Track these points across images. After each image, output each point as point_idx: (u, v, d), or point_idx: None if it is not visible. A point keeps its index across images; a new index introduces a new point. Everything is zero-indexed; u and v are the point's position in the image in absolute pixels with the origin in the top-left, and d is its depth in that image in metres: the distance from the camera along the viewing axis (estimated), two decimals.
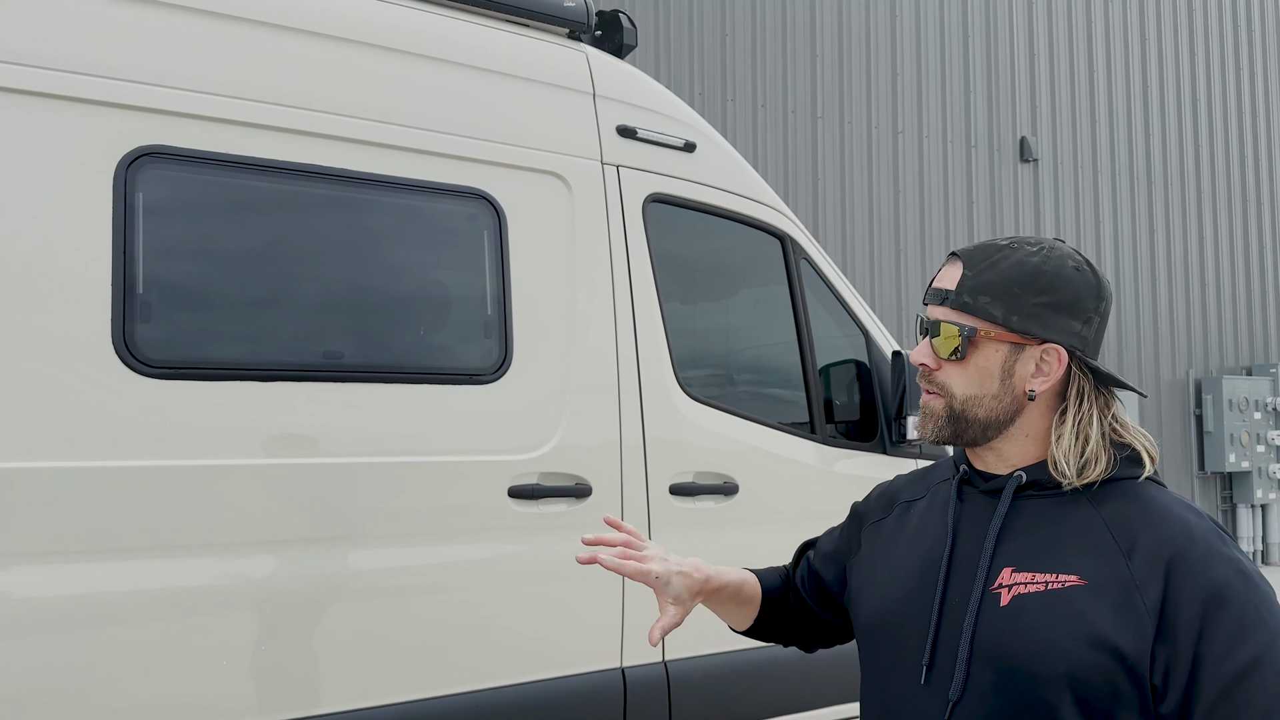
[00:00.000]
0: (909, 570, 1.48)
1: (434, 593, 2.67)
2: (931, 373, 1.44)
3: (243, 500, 2.42)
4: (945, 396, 1.43)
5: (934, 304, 1.45)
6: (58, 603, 2.21)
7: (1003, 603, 1.35)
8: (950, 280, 1.44)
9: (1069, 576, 1.33)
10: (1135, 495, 1.39)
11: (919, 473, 1.65)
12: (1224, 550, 1.32)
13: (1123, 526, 1.35)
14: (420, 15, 2.89)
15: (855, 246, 9.48)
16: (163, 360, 2.36)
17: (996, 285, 1.40)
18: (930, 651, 1.39)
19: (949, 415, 1.43)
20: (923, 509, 1.55)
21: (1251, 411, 11.84)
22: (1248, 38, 13.01)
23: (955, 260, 1.46)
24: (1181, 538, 1.32)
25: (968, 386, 1.42)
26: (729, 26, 8.87)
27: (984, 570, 1.38)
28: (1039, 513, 1.40)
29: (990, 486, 1.44)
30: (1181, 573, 1.29)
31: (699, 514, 3.16)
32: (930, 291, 1.46)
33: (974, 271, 1.42)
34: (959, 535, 1.44)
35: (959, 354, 1.41)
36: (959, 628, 1.37)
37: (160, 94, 2.42)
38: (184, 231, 2.46)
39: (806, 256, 3.62)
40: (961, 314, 1.41)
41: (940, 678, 1.37)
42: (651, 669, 3.00)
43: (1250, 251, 12.81)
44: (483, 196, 2.86)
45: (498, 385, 2.80)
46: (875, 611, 1.50)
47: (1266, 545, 12.14)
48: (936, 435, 1.45)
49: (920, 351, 1.46)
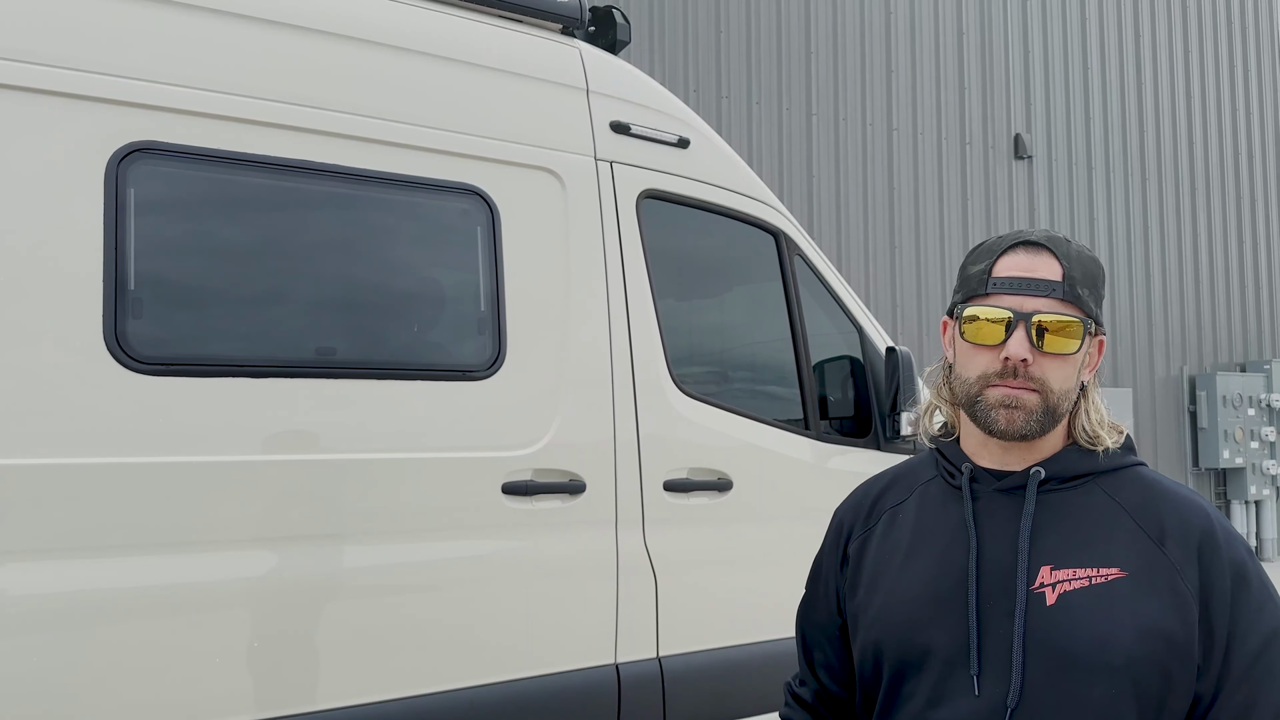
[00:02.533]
0: (924, 577, 1.41)
1: (428, 589, 2.67)
2: (1026, 367, 1.36)
3: (236, 497, 2.41)
4: (1040, 391, 1.36)
5: (1033, 294, 1.36)
6: (51, 600, 2.20)
7: (1049, 602, 1.33)
8: (1051, 271, 1.38)
9: (1110, 570, 1.33)
10: (1142, 481, 1.41)
11: (894, 473, 1.58)
12: (1233, 530, 1.38)
13: (1145, 513, 1.37)
14: (413, 11, 2.88)
15: (850, 243, 9.48)
16: (155, 356, 2.35)
17: (1088, 279, 1.40)
18: (977, 659, 1.34)
19: (1044, 409, 1.37)
20: (913, 512, 1.48)
21: (1245, 408, 11.87)
22: (1241, 35, 13.02)
23: (1040, 250, 1.39)
24: (1202, 519, 1.36)
25: (1064, 380, 1.38)
26: (724, 23, 8.86)
27: (1024, 570, 1.34)
28: (1060, 507, 1.39)
29: (1006, 484, 1.41)
30: (1210, 553, 1.33)
31: (693, 510, 3.15)
32: (1020, 280, 1.37)
33: (1069, 263, 1.38)
34: (982, 536, 1.39)
35: (1078, 348, 1.37)
36: (1004, 632, 1.33)
37: (152, 90, 2.41)
38: (176, 227, 2.45)
39: (801, 253, 3.62)
40: (1074, 307, 1.37)
41: (990, 685, 1.33)
42: (646, 665, 3.00)
43: (1244, 248, 12.83)
44: (476, 192, 2.85)
45: (491, 381, 2.79)
46: (894, 627, 1.42)
47: (1260, 541, 12.17)
48: (1026, 428, 1.37)
49: (1019, 344, 1.35)
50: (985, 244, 1.45)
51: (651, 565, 3.03)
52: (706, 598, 3.14)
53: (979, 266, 1.41)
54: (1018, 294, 1.37)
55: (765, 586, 3.16)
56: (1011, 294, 1.37)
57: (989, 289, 1.38)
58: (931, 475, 1.50)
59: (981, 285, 1.39)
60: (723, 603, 3.18)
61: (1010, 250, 1.40)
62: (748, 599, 3.21)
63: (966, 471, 1.43)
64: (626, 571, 2.98)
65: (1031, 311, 1.36)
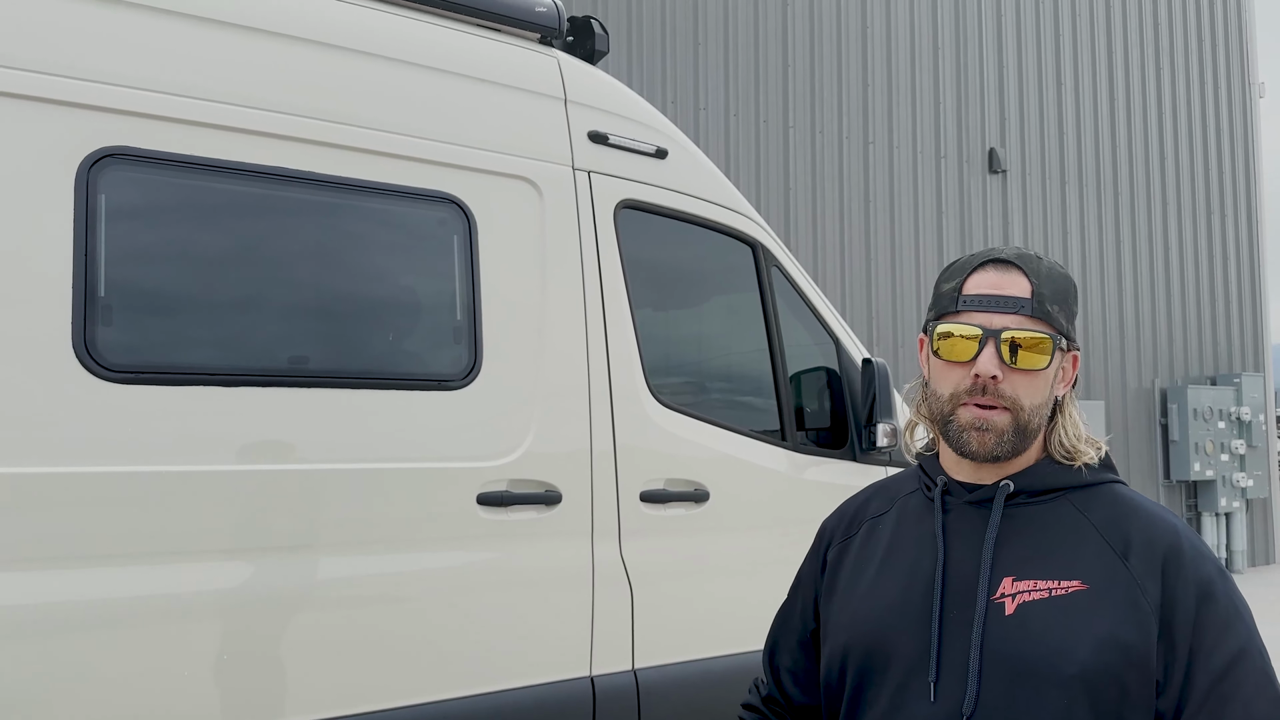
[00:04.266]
0: (894, 587, 1.44)
1: (401, 601, 2.64)
2: (995, 384, 1.37)
3: (208, 508, 2.38)
4: (1011, 410, 1.38)
5: (1002, 311, 1.38)
6: (17, 611, 2.16)
7: (1008, 612, 1.35)
8: (1020, 288, 1.40)
9: (1070, 582, 1.34)
10: (1115, 498, 1.42)
11: (879, 486, 1.62)
12: (1204, 549, 1.37)
13: (1112, 528, 1.37)
14: (389, 18, 2.87)
15: (826, 255, 9.51)
16: (125, 365, 2.32)
17: (1059, 294, 1.42)
18: (935, 667, 1.36)
19: (1015, 428, 1.38)
20: (892, 524, 1.52)
21: (1216, 421, 11.99)
22: (1211, 52, 13.21)
23: (1010, 267, 1.41)
24: (1170, 536, 1.36)
25: (1034, 396, 1.39)
26: (701, 35, 8.89)
27: (985, 581, 1.37)
28: (1027, 520, 1.41)
29: (976, 497, 1.43)
30: (1175, 570, 1.33)
31: (669, 521, 3.14)
32: (990, 298, 1.39)
33: (1038, 280, 1.40)
34: (950, 547, 1.42)
35: (1048, 364, 1.39)
36: (963, 641, 1.36)
37: (124, 94, 2.38)
38: (147, 234, 2.42)
39: (778, 264, 3.62)
40: (1043, 323, 1.39)
41: (947, 693, 1.35)
42: (621, 678, 2.99)
43: (1215, 263, 12.99)
44: (452, 201, 2.83)
45: (467, 391, 2.78)
46: (861, 634, 1.45)
47: (1230, 553, 12.28)
48: (998, 450, 1.39)
49: (988, 362, 1.37)
50: (958, 262, 1.47)
51: (628, 576, 3.02)
52: (683, 609, 3.13)
53: (950, 284, 1.44)
54: (988, 311, 1.39)
55: (742, 597, 3.15)
56: (982, 311, 1.39)
57: (959, 306, 1.41)
58: (913, 489, 1.53)
59: (953, 303, 1.42)
60: (699, 614, 3.17)
61: (981, 268, 1.42)
62: (724, 610, 3.20)
63: (940, 485, 1.46)
64: (602, 583, 2.97)
65: (1001, 328, 1.38)
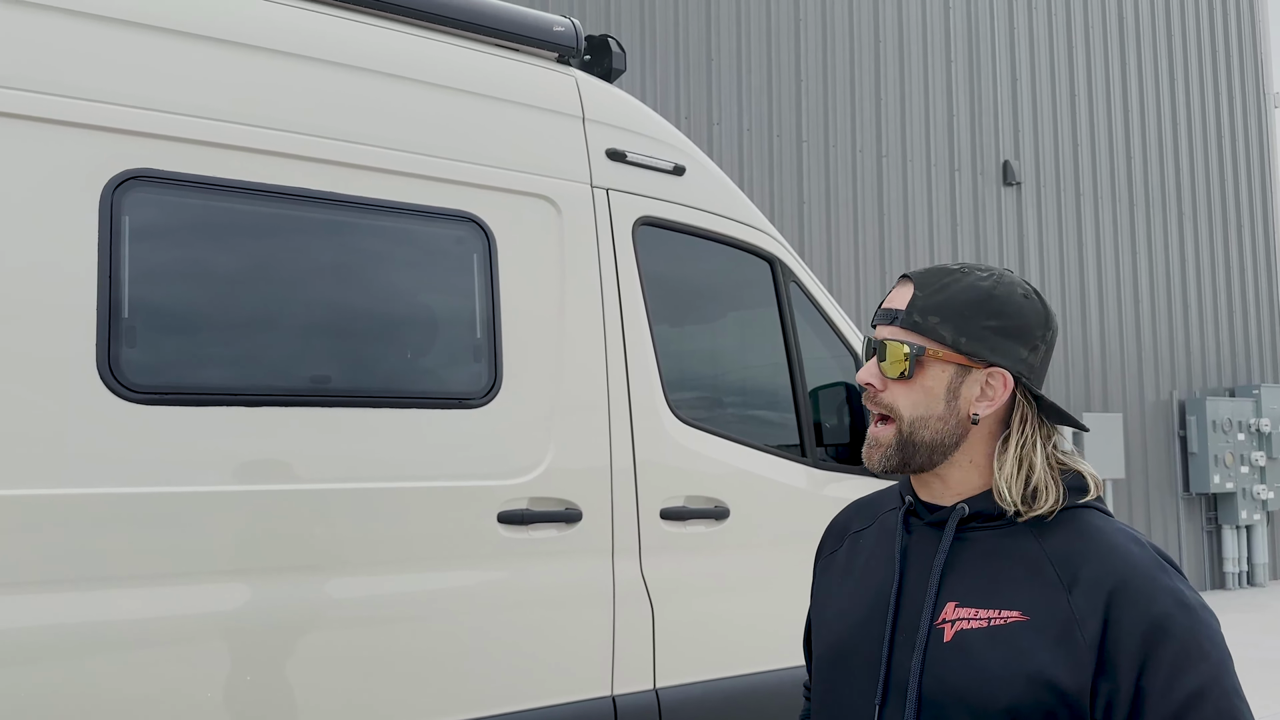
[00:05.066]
0: (860, 603, 1.47)
1: (423, 620, 2.64)
2: (877, 393, 1.44)
3: (229, 527, 2.39)
4: (894, 420, 1.42)
5: (883, 324, 1.45)
6: (39, 632, 2.16)
7: (946, 639, 1.35)
8: (901, 300, 1.44)
9: (1011, 613, 1.33)
10: (1078, 526, 1.37)
11: (866, 500, 1.63)
12: (1165, 581, 1.31)
13: (1064, 560, 1.34)
14: (409, 39, 2.88)
15: (841, 269, 9.51)
16: (148, 385, 2.33)
17: (947, 307, 1.41)
18: (883, 689, 1.38)
19: (897, 441, 1.42)
20: (872, 539, 1.54)
21: (1235, 432, 11.90)
22: (1225, 62, 13.17)
23: (906, 282, 1.46)
24: (1123, 569, 1.31)
25: (914, 407, 1.41)
26: (714, 51, 8.92)
27: (929, 606, 1.37)
28: (982, 546, 1.39)
29: (935, 518, 1.44)
30: (1121, 605, 1.28)
31: (690, 539, 3.13)
32: (880, 312, 1.47)
33: (925, 293, 1.42)
34: (906, 569, 1.43)
35: (907, 373, 1.41)
36: (908, 664, 1.37)
37: (147, 117, 2.40)
38: (170, 255, 2.43)
39: (796, 279, 3.62)
40: (911, 333, 1.42)
41: (892, 715, 1.36)
42: (643, 697, 2.97)
43: (1232, 273, 12.92)
44: (472, 220, 2.84)
45: (487, 409, 2.78)
46: (829, 645, 1.49)
47: (1252, 566, 12.17)
48: (884, 464, 1.44)
49: (867, 371, 1.45)
50: None
51: (648, 595, 3.01)
52: (704, 628, 3.12)
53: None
54: (878, 324, 1.47)
55: (763, 615, 3.14)
56: (876, 324, 1.47)
57: (874, 321, 1.49)
58: (893, 505, 1.55)
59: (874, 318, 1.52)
60: (720, 633, 3.15)
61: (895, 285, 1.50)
62: (746, 628, 3.18)
63: (906, 504, 1.48)
64: (623, 601, 2.96)
65: (881, 339, 1.44)
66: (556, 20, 3.19)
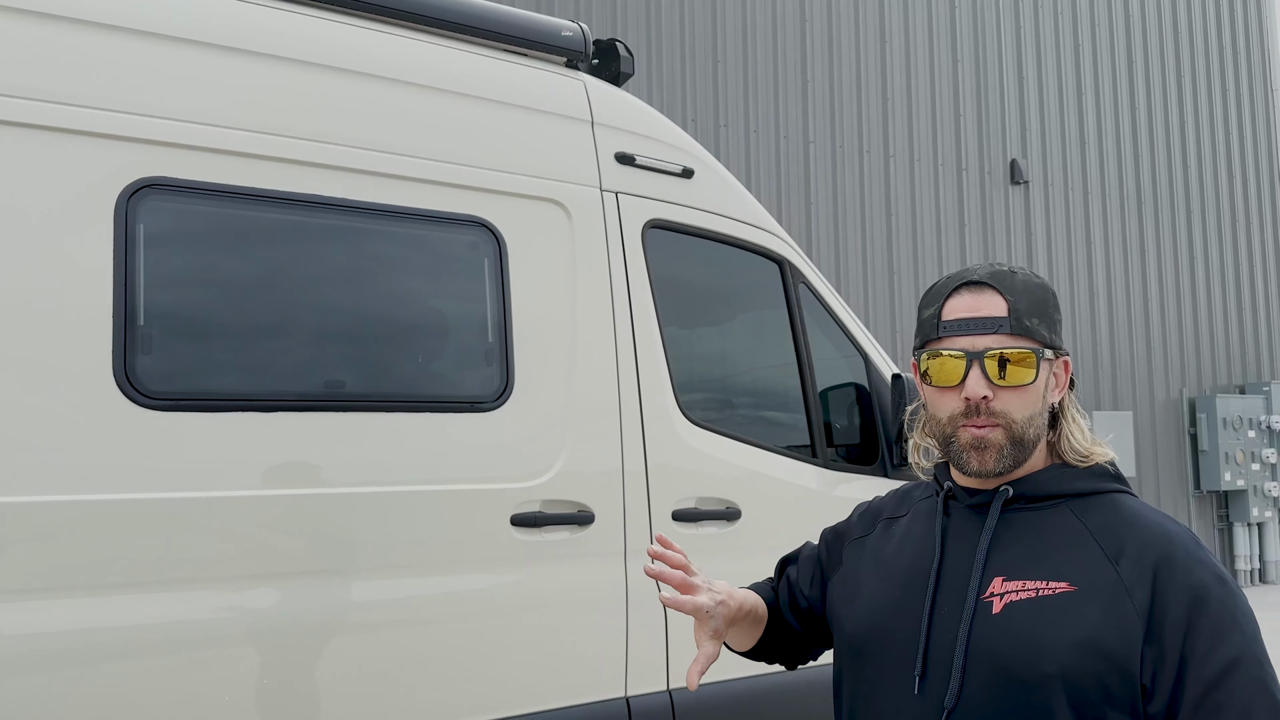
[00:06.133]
0: (895, 583, 1.51)
1: (436, 623, 2.65)
2: (988, 404, 1.41)
3: (245, 532, 2.40)
4: (1004, 425, 1.42)
5: (982, 333, 1.42)
6: (61, 638, 2.18)
7: (994, 610, 1.39)
8: (995, 308, 1.43)
9: (1059, 583, 1.37)
10: (1115, 506, 1.44)
11: (899, 492, 1.68)
12: (1203, 557, 1.37)
13: (1108, 535, 1.40)
14: (418, 45, 2.90)
15: (849, 269, 9.51)
16: (164, 392, 2.34)
17: (1036, 307, 1.45)
18: (923, 661, 1.41)
19: (1012, 442, 1.42)
20: (905, 524, 1.58)
21: (1245, 430, 11.87)
22: (1233, 59, 13.13)
23: (984, 288, 1.45)
24: (1165, 544, 1.37)
25: (1026, 409, 1.43)
26: (721, 54, 8.93)
27: (976, 580, 1.41)
28: (1025, 524, 1.44)
29: (976, 501, 1.48)
30: (1167, 576, 1.34)
31: (702, 540, 3.14)
32: (968, 321, 1.43)
33: (1014, 296, 1.44)
34: (947, 548, 1.47)
35: (1034, 378, 1.42)
36: (951, 637, 1.40)
37: (161, 126, 2.42)
38: (185, 262, 2.45)
39: (805, 280, 3.63)
40: (1023, 339, 1.43)
41: (933, 686, 1.40)
42: (656, 698, 2.98)
43: (1241, 270, 12.88)
44: (483, 224, 2.86)
45: (499, 413, 2.79)
46: (862, 622, 1.52)
47: (1264, 563, 12.13)
48: (998, 466, 1.42)
49: (976, 383, 1.41)
50: (935, 287, 1.51)
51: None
52: None
53: (930, 311, 1.48)
54: (969, 334, 1.43)
55: None
56: (963, 335, 1.43)
57: (941, 333, 1.45)
58: (928, 494, 1.60)
59: (934, 330, 1.46)
60: None
61: (956, 292, 1.46)
62: None
63: (945, 490, 1.52)
64: (636, 603, 2.97)
65: (984, 350, 1.42)
66: (565, 25, 3.20)
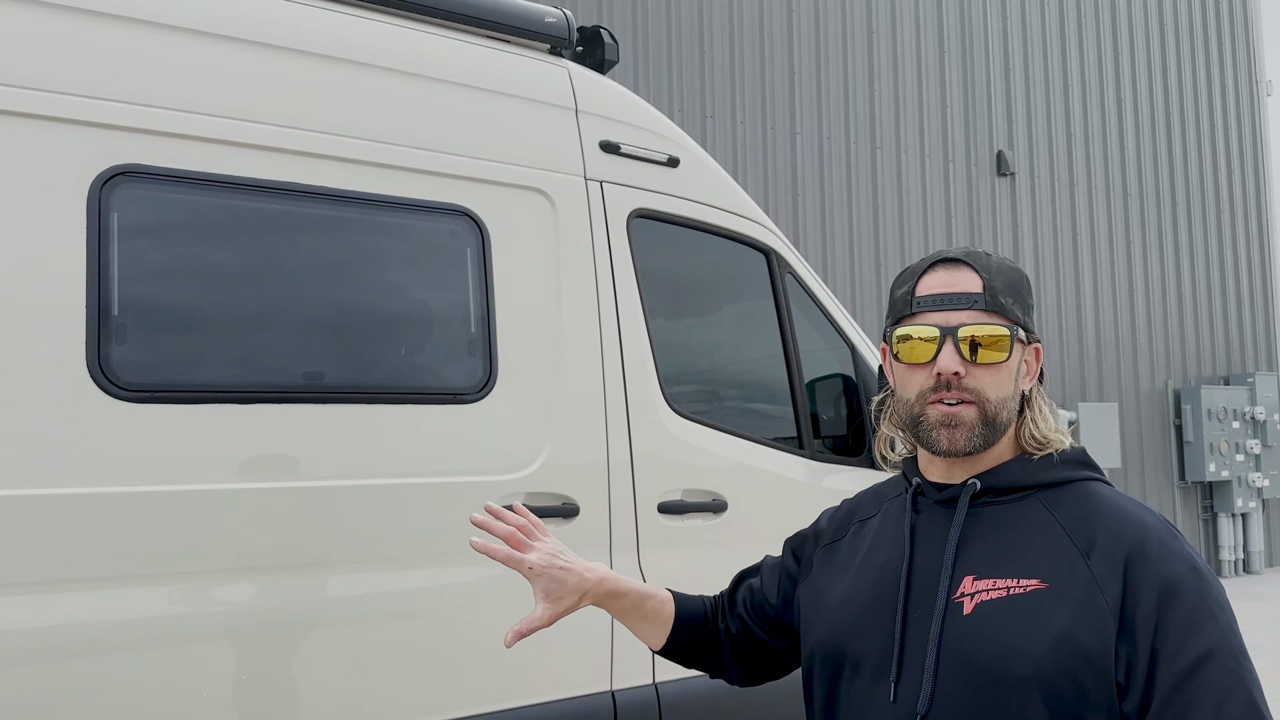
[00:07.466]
0: (866, 586, 1.47)
1: (419, 617, 2.62)
2: (960, 380, 1.38)
3: (223, 526, 2.37)
4: (976, 402, 1.39)
5: (956, 308, 1.39)
6: (32, 634, 2.14)
7: (966, 611, 1.35)
8: (971, 284, 1.41)
9: (1030, 580, 1.34)
10: (1087, 496, 1.40)
11: (870, 491, 1.64)
12: (1177, 547, 1.34)
13: (1079, 527, 1.36)
14: (400, 31, 2.86)
15: (836, 260, 9.49)
16: (139, 383, 2.30)
17: (1011, 288, 1.42)
18: (897, 666, 1.37)
19: (983, 420, 1.39)
20: (877, 525, 1.54)
21: (1230, 421, 11.92)
22: (1218, 51, 13.17)
23: (959, 265, 1.43)
24: (1138, 534, 1.34)
25: (998, 388, 1.40)
26: (707, 43, 8.88)
27: (946, 580, 1.37)
28: (995, 519, 1.41)
29: (945, 496, 1.44)
30: (1139, 568, 1.31)
31: (688, 532, 3.12)
32: (943, 297, 1.41)
33: (989, 275, 1.42)
34: (916, 547, 1.43)
35: (1008, 356, 1.40)
36: (923, 640, 1.37)
37: (135, 112, 2.37)
38: (160, 252, 2.41)
39: (792, 271, 3.60)
40: (997, 316, 1.40)
41: (907, 690, 1.36)
42: (642, 691, 2.96)
43: (1225, 262, 12.93)
44: (465, 213, 2.82)
45: (482, 404, 2.76)
46: (832, 628, 1.48)
47: (1248, 554, 12.20)
48: (969, 444, 1.39)
49: (949, 358, 1.38)
50: (909, 267, 1.49)
51: None
52: None
53: (904, 289, 1.45)
54: (942, 309, 1.40)
55: None
56: (936, 310, 1.41)
57: (914, 309, 1.42)
58: (898, 492, 1.56)
59: (907, 306, 1.43)
60: None
61: (931, 269, 1.44)
62: None
63: (913, 486, 1.48)
64: None
65: (957, 325, 1.39)
66: (548, 11, 3.16)
